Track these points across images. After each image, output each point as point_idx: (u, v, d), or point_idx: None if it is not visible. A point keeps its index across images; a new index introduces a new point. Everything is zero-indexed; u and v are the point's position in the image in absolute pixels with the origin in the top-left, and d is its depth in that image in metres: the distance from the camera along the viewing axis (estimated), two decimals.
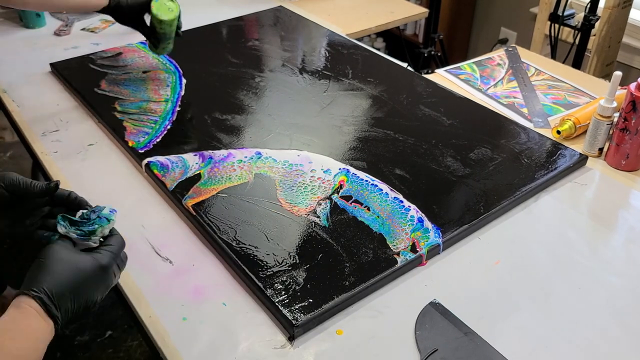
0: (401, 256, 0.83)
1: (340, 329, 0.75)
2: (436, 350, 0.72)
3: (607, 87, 1.04)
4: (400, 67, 1.38)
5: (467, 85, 1.33)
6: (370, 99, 1.23)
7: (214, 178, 0.99)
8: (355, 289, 0.78)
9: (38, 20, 1.60)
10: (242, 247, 0.85)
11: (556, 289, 0.82)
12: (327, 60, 1.40)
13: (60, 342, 1.73)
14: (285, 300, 0.76)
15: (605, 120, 1.05)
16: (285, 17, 1.66)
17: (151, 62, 1.37)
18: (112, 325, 1.80)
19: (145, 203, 0.97)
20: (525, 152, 1.06)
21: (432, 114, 1.18)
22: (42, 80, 1.35)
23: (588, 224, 0.93)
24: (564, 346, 0.74)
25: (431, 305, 0.78)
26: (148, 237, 0.90)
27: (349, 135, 1.11)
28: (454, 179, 0.99)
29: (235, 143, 1.08)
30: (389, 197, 0.95)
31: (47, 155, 1.09)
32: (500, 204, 0.94)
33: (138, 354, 1.73)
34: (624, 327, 0.76)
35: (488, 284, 0.82)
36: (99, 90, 1.26)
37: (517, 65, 1.41)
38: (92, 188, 1.00)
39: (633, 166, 1.06)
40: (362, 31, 1.64)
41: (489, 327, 0.75)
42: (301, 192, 0.96)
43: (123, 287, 0.82)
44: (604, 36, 1.84)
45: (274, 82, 1.30)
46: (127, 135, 1.11)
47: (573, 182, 1.03)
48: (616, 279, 0.83)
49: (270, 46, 1.47)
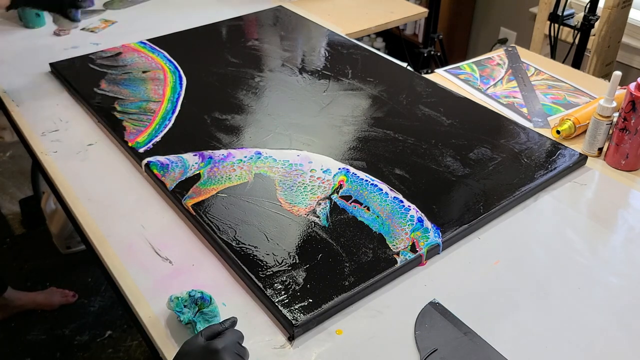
0: (401, 256, 0.83)
1: (340, 329, 0.76)
2: (436, 350, 0.72)
3: (606, 87, 1.04)
4: (400, 67, 1.38)
5: (466, 85, 1.33)
6: (370, 99, 1.23)
7: (213, 178, 0.99)
8: (355, 289, 0.78)
9: (38, 20, 1.60)
10: (241, 247, 0.85)
11: (556, 288, 0.82)
12: (326, 60, 1.40)
13: (60, 342, 1.74)
14: (285, 300, 0.76)
15: (605, 120, 1.05)
16: (285, 17, 1.66)
17: (151, 62, 1.37)
18: (112, 325, 1.81)
19: (145, 203, 0.97)
20: (525, 152, 1.06)
21: (431, 114, 1.18)
22: (41, 80, 1.35)
23: (588, 224, 0.94)
24: (564, 346, 0.74)
25: (431, 305, 0.78)
26: (148, 237, 0.90)
27: (348, 135, 1.11)
28: (453, 179, 0.99)
29: (235, 143, 1.08)
30: (389, 197, 0.95)
31: (46, 155, 1.09)
32: (499, 204, 0.94)
33: (138, 354, 1.73)
34: (624, 327, 0.76)
35: (487, 283, 0.82)
36: (98, 90, 1.26)
37: (517, 65, 1.41)
38: (91, 188, 1.00)
39: (632, 166, 1.06)
40: (361, 31, 1.64)
41: (488, 327, 0.75)
42: (301, 192, 0.96)
43: (123, 287, 0.82)
44: (603, 36, 1.84)
45: (273, 82, 1.30)
46: (127, 135, 1.11)
47: (573, 182, 1.03)
48: (616, 278, 0.83)
49: (270, 46, 1.47)
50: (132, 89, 1.26)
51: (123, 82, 1.29)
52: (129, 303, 0.80)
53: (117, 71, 1.33)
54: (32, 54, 1.47)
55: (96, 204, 0.97)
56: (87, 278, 1.96)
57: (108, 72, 1.33)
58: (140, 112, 1.18)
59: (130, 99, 1.23)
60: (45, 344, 1.73)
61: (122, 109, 1.19)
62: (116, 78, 1.31)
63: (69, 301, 1.86)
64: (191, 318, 0.74)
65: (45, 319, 1.81)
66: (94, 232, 0.91)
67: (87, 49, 1.47)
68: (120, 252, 0.87)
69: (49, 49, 1.49)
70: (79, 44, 1.51)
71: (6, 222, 2.21)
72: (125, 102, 1.21)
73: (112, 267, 0.85)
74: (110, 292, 1.89)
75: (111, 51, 1.43)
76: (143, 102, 1.22)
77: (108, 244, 0.89)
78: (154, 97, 1.23)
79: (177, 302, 0.74)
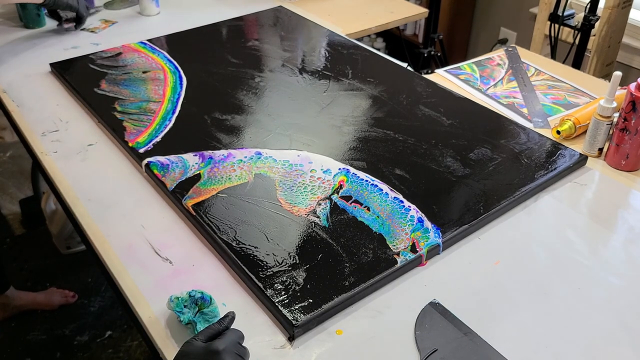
0: (401, 256, 0.83)
1: (340, 329, 0.76)
2: (436, 351, 0.72)
3: (607, 87, 1.04)
4: (400, 67, 1.38)
5: (466, 85, 1.33)
6: (370, 99, 1.23)
7: (213, 178, 0.99)
8: (355, 289, 0.78)
9: (38, 20, 1.60)
10: (242, 247, 0.85)
11: (556, 289, 0.82)
12: (327, 60, 1.40)
13: (60, 342, 1.74)
14: (285, 301, 0.76)
15: (605, 121, 1.05)
16: (285, 17, 1.66)
17: (151, 63, 1.37)
18: (112, 325, 1.81)
19: (145, 203, 0.97)
20: (525, 152, 1.06)
21: (431, 114, 1.18)
22: (42, 80, 1.35)
23: (588, 224, 0.94)
24: (564, 346, 0.74)
25: (431, 305, 0.78)
26: (148, 237, 0.90)
27: (348, 136, 1.11)
28: (453, 179, 0.99)
29: (235, 143, 1.08)
30: (389, 197, 0.95)
31: (46, 155, 1.09)
32: (500, 204, 0.94)
33: (138, 354, 1.73)
34: (624, 327, 0.76)
35: (488, 284, 0.82)
36: (98, 90, 1.26)
37: (517, 66, 1.41)
38: (91, 188, 1.00)
39: (633, 166, 1.06)
40: (362, 31, 1.64)
41: (488, 327, 0.75)
42: (301, 192, 0.96)
43: (123, 287, 0.82)
44: (603, 36, 1.84)
45: (273, 82, 1.30)
46: (127, 135, 1.11)
47: (573, 182, 1.03)
48: (616, 279, 0.83)
49: (270, 46, 1.47)
50: (132, 89, 1.26)
51: (123, 83, 1.29)
52: (129, 303, 0.80)
53: (117, 71, 1.33)
54: (32, 54, 1.47)
55: (96, 204, 0.97)
56: (87, 278, 1.96)
57: (108, 72, 1.33)
58: (141, 113, 1.18)
59: (130, 99, 1.23)
60: (45, 344, 1.73)
61: (122, 109, 1.19)
62: (116, 78, 1.31)
63: (68, 301, 1.86)
64: (191, 318, 0.74)
65: (45, 319, 1.81)
66: (94, 232, 0.91)
67: (87, 49, 1.47)
68: (120, 252, 0.87)
69: (49, 49, 1.49)
70: (79, 44, 1.51)
71: (6, 222, 2.22)
72: (126, 103, 1.21)
73: (112, 267, 0.85)
74: (110, 292, 1.89)
75: (111, 51, 1.43)
76: (143, 102, 1.22)
77: (108, 244, 0.89)
78: (154, 98, 1.23)
79: (177, 302, 0.74)
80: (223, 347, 0.65)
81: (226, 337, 0.68)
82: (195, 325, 0.73)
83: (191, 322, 0.74)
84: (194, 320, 0.74)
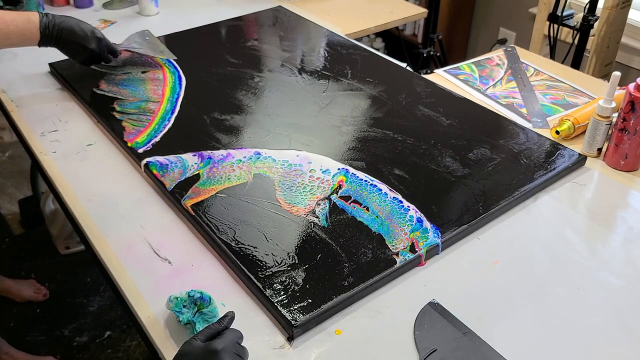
0: (400, 256, 0.83)
1: (339, 329, 0.76)
2: (435, 351, 0.72)
3: (606, 87, 1.05)
4: (399, 68, 1.38)
5: (466, 85, 1.33)
6: (370, 99, 1.23)
7: (213, 178, 0.99)
8: (354, 289, 0.78)
9: None
10: (241, 247, 0.85)
11: (555, 289, 0.82)
12: (326, 60, 1.40)
13: (59, 342, 1.73)
14: (284, 301, 0.76)
15: (604, 121, 1.05)
16: (285, 17, 1.66)
17: (150, 63, 1.37)
18: (111, 325, 1.80)
19: (144, 203, 0.97)
20: (524, 152, 1.06)
21: (431, 114, 1.18)
22: (41, 80, 1.35)
23: (587, 224, 0.94)
24: (563, 346, 0.74)
25: (430, 305, 0.78)
26: (147, 237, 0.90)
27: (348, 136, 1.11)
28: (453, 179, 0.99)
29: (234, 143, 1.08)
30: (388, 197, 0.95)
31: (46, 155, 1.09)
32: (499, 204, 0.94)
33: (137, 354, 1.73)
34: (623, 327, 0.76)
35: (487, 284, 0.82)
36: (98, 90, 1.26)
37: (516, 66, 1.41)
38: (91, 188, 1.00)
39: (632, 166, 1.06)
40: (361, 31, 1.64)
41: (487, 327, 0.75)
42: (300, 192, 0.96)
43: (122, 287, 0.82)
44: (602, 36, 1.84)
45: (273, 82, 1.30)
46: (126, 135, 1.11)
47: (572, 183, 1.03)
48: (615, 279, 0.83)
49: (270, 46, 1.47)
50: (131, 89, 1.26)
51: (122, 83, 1.29)
52: (128, 303, 0.80)
53: (116, 71, 1.33)
54: (32, 54, 1.46)
55: (95, 204, 0.97)
56: (86, 278, 1.96)
57: (107, 72, 1.33)
58: (140, 112, 1.18)
59: (129, 99, 1.23)
60: (45, 344, 1.73)
61: (121, 109, 1.19)
62: (115, 78, 1.30)
63: (37, 299, 1.85)
64: (190, 318, 0.74)
65: (44, 320, 1.81)
66: (93, 233, 0.91)
67: None
68: (119, 253, 0.87)
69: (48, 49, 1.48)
70: None
71: (5, 223, 2.21)
72: (125, 102, 1.21)
73: (111, 268, 0.85)
74: (109, 292, 1.89)
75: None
76: (142, 102, 1.22)
77: (107, 244, 0.89)
78: (153, 97, 1.23)
79: (177, 302, 0.74)
80: (222, 347, 0.65)
81: (225, 337, 0.68)
82: (194, 325, 0.73)
83: (190, 322, 0.74)
84: (193, 320, 0.74)
